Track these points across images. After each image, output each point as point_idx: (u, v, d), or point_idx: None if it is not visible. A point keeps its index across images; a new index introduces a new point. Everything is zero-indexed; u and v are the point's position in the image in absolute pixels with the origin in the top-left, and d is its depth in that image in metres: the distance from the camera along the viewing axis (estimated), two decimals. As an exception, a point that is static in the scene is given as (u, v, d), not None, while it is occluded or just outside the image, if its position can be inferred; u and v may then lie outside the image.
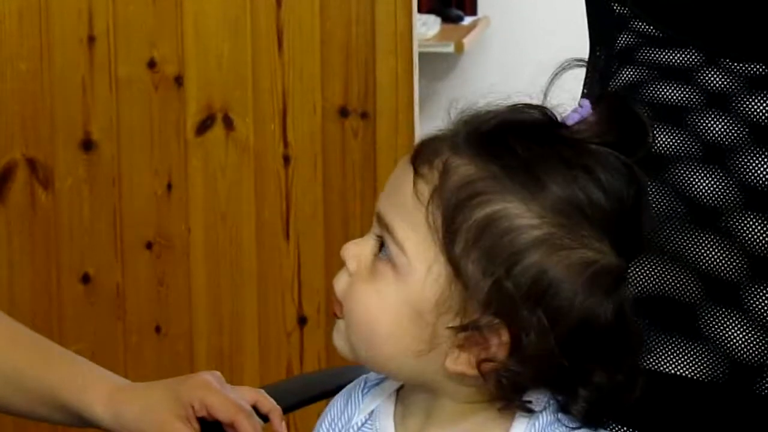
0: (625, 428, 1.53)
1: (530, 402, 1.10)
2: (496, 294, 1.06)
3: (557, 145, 1.07)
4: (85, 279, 2.37)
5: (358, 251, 1.10)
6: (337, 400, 1.25)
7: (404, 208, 1.08)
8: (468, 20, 4.59)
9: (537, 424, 1.12)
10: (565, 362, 1.05)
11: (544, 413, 1.12)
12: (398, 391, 1.18)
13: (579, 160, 1.06)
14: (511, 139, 1.07)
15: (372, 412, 1.21)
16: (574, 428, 1.10)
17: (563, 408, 1.11)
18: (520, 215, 1.06)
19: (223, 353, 2.37)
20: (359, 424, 1.21)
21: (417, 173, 1.06)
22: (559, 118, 1.08)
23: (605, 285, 1.07)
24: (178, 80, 2.34)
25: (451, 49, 4.28)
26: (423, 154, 1.07)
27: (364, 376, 1.23)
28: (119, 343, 2.33)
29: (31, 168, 2.34)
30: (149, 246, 2.37)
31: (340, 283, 1.10)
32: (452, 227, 1.05)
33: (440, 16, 4.37)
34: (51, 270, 2.39)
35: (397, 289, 1.07)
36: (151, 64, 2.34)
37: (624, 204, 1.08)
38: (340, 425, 1.23)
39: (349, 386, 1.25)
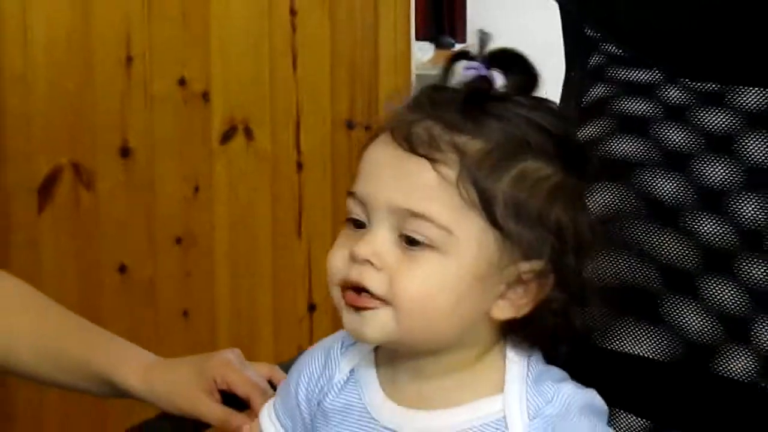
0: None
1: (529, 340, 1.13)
2: (538, 241, 1.06)
3: (510, 105, 1.09)
4: (122, 269, 2.37)
5: (373, 248, 1.06)
6: (315, 357, 1.21)
7: (433, 194, 1.04)
8: (458, 47, 4.56)
9: (530, 367, 1.12)
10: (593, 285, 1.14)
11: (533, 360, 1.12)
12: (376, 350, 1.16)
13: (526, 110, 1.09)
14: (485, 107, 1.08)
15: (352, 370, 1.18)
16: (560, 379, 1.12)
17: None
18: (538, 169, 1.06)
19: (242, 335, 2.38)
20: (341, 382, 1.19)
21: (433, 161, 1.03)
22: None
23: (575, 199, 1.12)
24: (205, 96, 2.35)
25: (442, 68, 4.29)
26: (422, 143, 1.05)
27: (338, 336, 1.19)
28: (150, 325, 2.33)
29: (76, 172, 2.35)
30: (178, 241, 2.38)
31: (374, 278, 1.05)
32: (488, 196, 1.04)
33: (434, 42, 4.39)
34: (92, 261, 2.39)
35: (449, 265, 1.05)
36: (181, 82, 2.35)
37: (575, 140, 1.17)
38: (321, 383, 1.20)
39: (324, 343, 1.21)
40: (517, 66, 1.10)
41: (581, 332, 1.14)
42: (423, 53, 4.03)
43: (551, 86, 1.24)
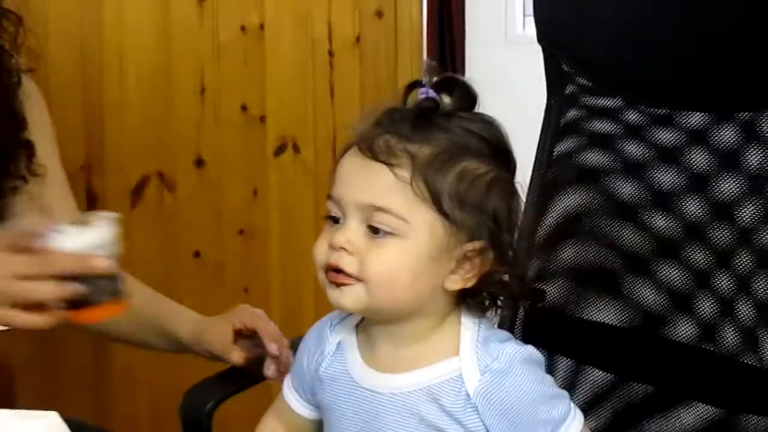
0: (570, 359, 1.53)
1: (478, 306, 1.15)
2: (479, 225, 1.09)
3: (452, 118, 1.10)
4: (196, 255, 2.38)
5: (346, 237, 1.07)
6: (312, 335, 1.23)
7: (390, 191, 1.06)
8: None
9: (480, 332, 1.13)
10: (514, 259, 1.15)
11: (482, 326, 1.14)
12: (357, 326, 1.17)
13: (466, 121, 1.10)
14: (432, 120, 1.09)
15: (339, 342, 1.19)
16: (503, 339, 1.14)
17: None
18: (474, 168, 1.08)
19: (290, 306, 2.40)
20: (331, 353, 1.19)
21: (390, 165, 1.05)
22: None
23: (508, 190, 1.12)
24: (262, 119, 2.36)
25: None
26: (382, 152, 1.06)
27: (329, 316, 1.20)
28: (218, 299, 2.32)
29: (160, 178, 2.37)
30: (241, 232, 2.40)
31: (347, 261, 1.06)
32: (436, 191, 1.06)
33: None
34: (172, 248, 2.42)
35: (407, 248, 1.06)
36: (243, 108, 2.37)
37: (505, 143, 1.13)
38: (316, 356, 1.20)
39: (319, 323, 1.23)
40: (459, 89, 1.11)
41: (519, 297, 1.22)
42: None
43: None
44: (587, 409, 1.49)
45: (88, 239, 1.18)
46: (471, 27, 4.76)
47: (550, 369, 1.52)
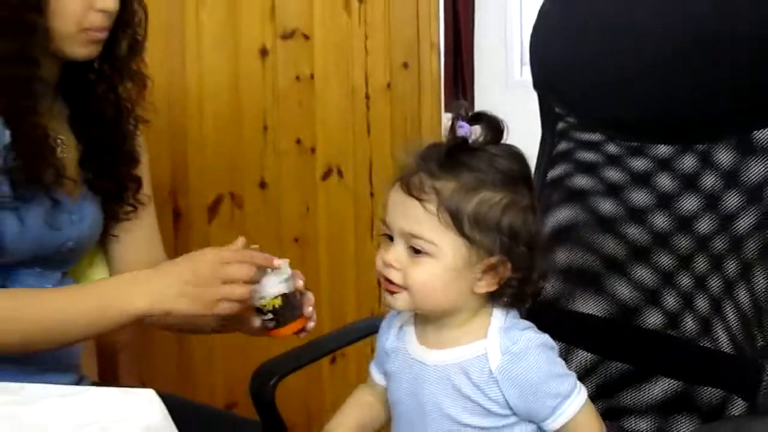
0: (563, 343, 1.52)
1: (506, 302, 1.16)
2: (495, 243, 1.09)
3: (478, 152, 1.10)
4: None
5: (394, 256, 1.11)
6: (385, 322, 1.26)
7: (422, 222, 1.08)
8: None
9: (506, 322, 1.15)
10: (533, 264, 1.13)
11: (509, 317, 1.17)
12: (414, 315, 1.20)
13: (490, 157, 1.10)
14: (459, 158, 1.09)
15: (401, 326, 1.22)
16: (524, 328, 1.16)
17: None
18: (490, 197, 1.08)
19: (336, 302, 2.38)
20: (395, 333, 1.23)
21: (420, 200, 1.08)
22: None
23: (525, 210, 1.11)
24: (312, 150, 2.36)
25: None
26: (415, 189, 1.08)
27: (392, 311, 1.24)
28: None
29: (231, 198, 2.37)
30: (296, 240, 2.39)
31: (395, 275, 1.10)
32: (458, 219, 1.07)
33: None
34: None
35: (438, 265, 1.09)
36: (298, 141, 2.36)
37: (526, 173, 1.14)
38: (385, 336, 1.25)
39: (389, 314, 1.26)
40: (488, 122, 1.11)
41: (533, 297, 1.18)
42: (447, 119, 4.02)
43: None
44: (575, 382, 1.50)
45: (273, 281, 1.28)
46: (478, 74, 4.79)
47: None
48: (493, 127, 1.11)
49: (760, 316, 1.24)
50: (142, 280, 1.27)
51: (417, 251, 1.09)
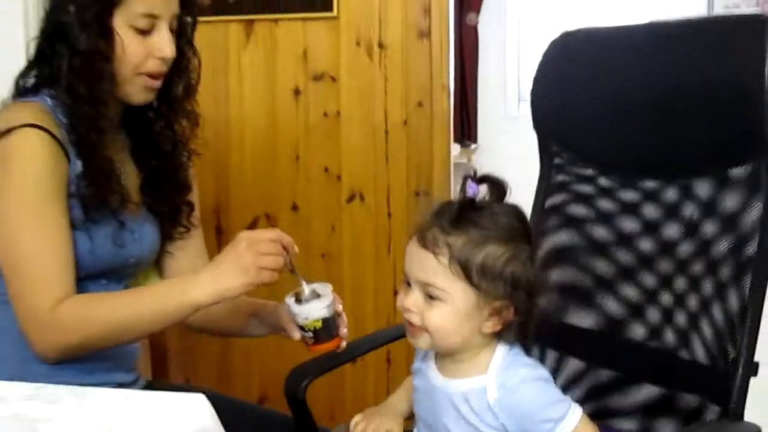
0: (556, 351, 1.52)
1: (510, 338, 1.16)
2: (499, 290, 1.10)
3: (484, 211, 1.10)
4: (291, 272, 2.38)
5: (412, 301, 1.12)
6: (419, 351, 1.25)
7: (436, 272, 1.10)
8: (473, 146, 4.53)
9: (507, 358, 1.16)
10: (532, 306, 1.13)
11: (511, 353, 1.17)
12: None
13: (493, 215, 1.10)
14: (467, 216, 1.10)
15: (426, 353, 1.23)
16: (521, 365, 1.16)
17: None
18: (495, 251, 1.09)
19: (358, 312, 2.34)
20: (421, 356, 1.25)
21: (434, 253, 1.09)
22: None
23: (525, 261, 1.12)
24: (338, 177, 2.36)
25: (465, 160, 4.25)
26: (429, 243, 1.09)
27: None
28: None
29: (267, 218, 2.38)
30: (323, 256, 2.39)
31: (415, 318, 1.12)
32: (467, 270, 1.08)
33: (460, 144, 4.34)
34: None
35: (450, 309, 1.11)
36: (325, 169, 2.36)
37: (526, 229, 1.13)
38: (416, 356, 1.26)
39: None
40: (493, 183, 1.13)
41: (531, 336, 1.17)
42: (455, 150, 4.02)
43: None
44: (566, 388, 1.50)
45: (317, 306, 1.29)
46: (481, 110, 4.79)
47: (541, 358, 1.54)
48: (498, 187, 1.13)
49: (733, 332, 1.24)
50: (195, 276, 1.28)
51: (432, 297, 1.10)
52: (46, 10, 1.37)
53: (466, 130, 4.50)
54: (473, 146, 4.54)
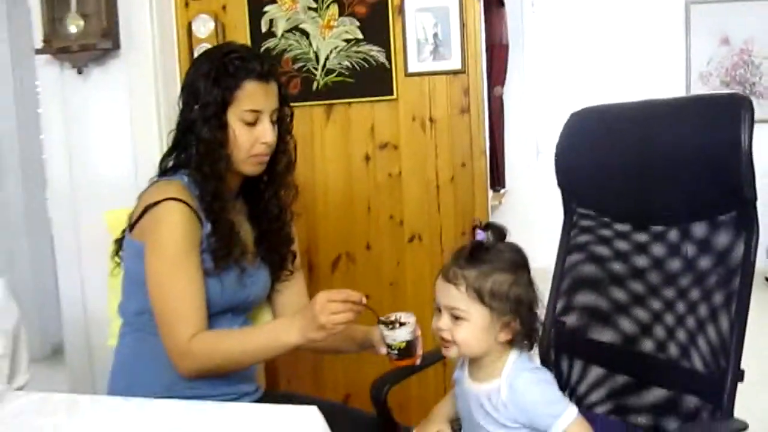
0: (582, 361, 1.50)
1: (520, 344, 1.16)
2: (506, 308, 1.12)
3: (490, 250, 1.13)
4: (366, 297, 2.38)
5: (442, 323, 1.15)
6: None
7: (457, 299, 1.13)
8: (502, 190, 4.52)
9: (517, 363, 1.17)
10: (534, 318, 1.15)
11: (521, 358, 1.18)
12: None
13: (497, 252, 1.13)
14: (477, 255, 1.13)
15: (463, 363, 1.24)
16: (528, 369, 1.17)
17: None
18: (500, 278, 1.12)
19: (423, 328, 2.31)
20: (460, 367, 1.26)
21: (455, 284, 1.12)
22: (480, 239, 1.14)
23: (526, 284, 1.14)
24: (401, 223, 2.35)
25: (497, 202, 4.23)
26: (451, 277, 1.13)
27: None
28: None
29: (347, 256, 2.38)
30: (391, 284, 2.36)
31: (446, 334, 1.15)
32: (480, 294, 1.11)
33: (492, 189, 4.30)
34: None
35: (471, 326, 1.13)
36: (391, 217, 2.35)
37: (523, 260, 1.15)
38: (457, 366, 1.27)
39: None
40: (494, 229, 1.16)
41: (534, 342, 1.18)
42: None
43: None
44: (590, 390, 1.48)
45: (404, 332, 1.30)
46: (508, 165, 4.80)
47: (570, 366, 1.52)
48: (499, 232, 1.16)
49: (724, 346, 1.23)
50: (291, 321, 1.29)
51: (456, 317, 1.13)
52: (179, 108, 1.41)
53: (496, 177, 4.48)
54: (502, 190, 4.51)
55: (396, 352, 1.29)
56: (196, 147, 1.36)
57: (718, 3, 4.91)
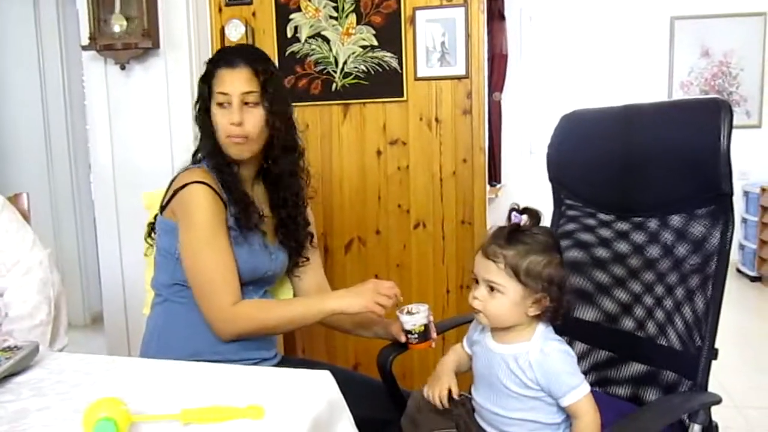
0: (567, 337, 1.49)
1: (546, 319, 1.15)
2: (539, 286, 1.10)
3: (526, 232, 1.10)
4: (375, 277, 2.36)
5: (480, 293, 1.13)
6: (472, 324, 1.26)
7: (495, 273, 1.10)
8: (498, 185, 4.48)
9: (544, 332, 1.15)
10: (562, 296, 1.12)
11: (547, 330, 1.16)
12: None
13: (533, 235, 1.10)
14: (515, 236, 1.11)
15: (483, 328, 1.21)
16: (553, 338, 1.15)
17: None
18: (535, 259, 1.09)
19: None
20: (479, 331, 1.23)
21: (494, 261, 1.10)
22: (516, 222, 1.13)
23: (557, 265, 1.11)
24: (408, 211, 2.35)
25: (494, 196, 4.19)
26: (490, 254, 1.11)
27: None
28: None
29: (359, 240, 2.38)
30: (398, 266, 2.36)
31: (479, 305, 1.13)
32: (517, 272, 1.09)
33: (490, 185, 4.26)
34: (365, 274, 2.38)
35: (505, 299, 1.11)
36: (399, 206, 2.35)
37: (556, 243, 1.13)
38: (473, 331, 1.25)
39: (474, 321, 1.24)
40: (531, 214, 1.13)
41: (563, 316, 1.16)
42: (488, 192, 3.98)
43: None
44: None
45: (421, 316, 1.31)
46: (504, 162, 4.77)
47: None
48: (534, 216, 1.14)
49: (699, 326, 1.22)
50: (335, 292, 1.34)
51: (493, 289, 1.12)
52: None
53: (493, 173, 4.46)
54: (498, 185, 4.48)
55: (416, 335, 1.31)
56: (200, 138, 1.39)
57: (700, 19, 4.87)
